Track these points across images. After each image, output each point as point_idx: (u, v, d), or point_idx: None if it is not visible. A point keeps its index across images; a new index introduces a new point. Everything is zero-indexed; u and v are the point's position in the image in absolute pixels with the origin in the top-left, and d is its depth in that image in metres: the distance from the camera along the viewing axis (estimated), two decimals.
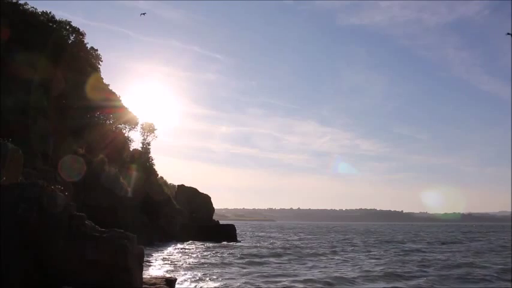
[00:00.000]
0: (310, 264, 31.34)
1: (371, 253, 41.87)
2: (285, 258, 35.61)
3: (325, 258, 36.62)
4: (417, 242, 62.76)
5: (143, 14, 37.77)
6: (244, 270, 26.84)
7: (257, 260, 33.49)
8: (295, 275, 25.11)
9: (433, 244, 58.58)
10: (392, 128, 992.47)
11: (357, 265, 30.74)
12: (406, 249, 48.05)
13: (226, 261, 32.10)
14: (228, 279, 23.07)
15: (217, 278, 23.10)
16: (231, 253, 39.10)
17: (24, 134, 29.27)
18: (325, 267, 29.70)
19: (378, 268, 28.57)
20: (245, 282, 22.09)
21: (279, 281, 22.70)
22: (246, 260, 33.17)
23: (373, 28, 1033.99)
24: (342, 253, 41.83)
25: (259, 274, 25.15)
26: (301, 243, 56.60)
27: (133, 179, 48.11)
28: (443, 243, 60.33)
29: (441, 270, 28.25)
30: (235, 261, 32.25)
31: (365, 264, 31.03)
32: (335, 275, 25.03)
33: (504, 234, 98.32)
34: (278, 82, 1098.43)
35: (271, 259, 34.16)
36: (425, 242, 64.34)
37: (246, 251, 41.33)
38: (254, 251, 42.34)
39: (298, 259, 34.76)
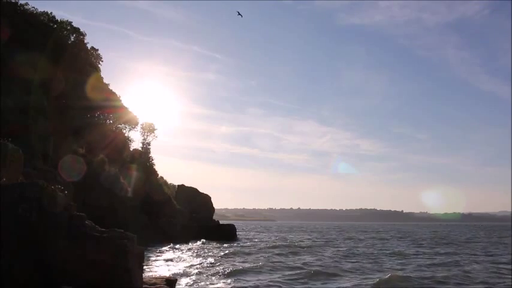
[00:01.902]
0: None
1: None
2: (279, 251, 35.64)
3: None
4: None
5: (239, 14, 38.84)
6: (244, 268, 26.82)
7: (255, 257, 33.50)
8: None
9: None
10: (392, 128, 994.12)
11: None
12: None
13: (226, 260, 32.07)
14: (229, 278, 23.06)
15: (217, 278, 23.09)
16: (231, 252, 39.06)
17: (24, 134, 29.26)
18: None
19: None
20: (246, 279, 22.11)
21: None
22: (246, 258, 33.17)
23: (373, 28, 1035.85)
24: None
25: (258, 271, 25.16)
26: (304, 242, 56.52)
27: (133, 179, 48.09)
28: None
29: None
30: (235, 260, 32.22)
31: None
32: None
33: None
34: (278, 82, 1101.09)
35: (266, 255, 34.18)
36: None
37: (246, 250, 41.32)
38: (254, 249, 42.35)
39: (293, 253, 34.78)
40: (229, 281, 22.48)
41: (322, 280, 23.57)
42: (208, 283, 21.72)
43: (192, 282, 21.69)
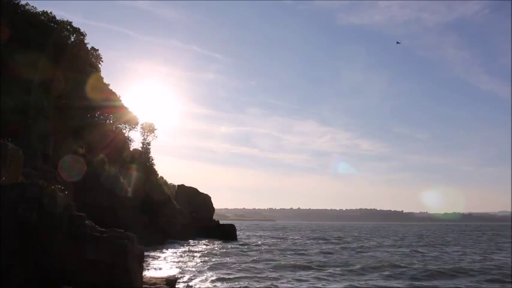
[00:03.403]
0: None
1: None
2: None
3: None
4: None
5: (398, 42, 41.08)
6: (245, 269, 26.84)
7: (255, 257, 33.51)
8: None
9: None
10: (392, 128, 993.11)
11: None
12: None
13: (226, 260, 32.09)
14: (229, 278, 23.06)
15: (217, 278, 23.08)
16: (231, 252, 39.09)
17: (24, 134, 29.23)
18: None
19: None
20: (246, 280, 22.12)
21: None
22: (246, 258, 33.18)
23: (373, 28, 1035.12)
24: None
25: (258, 271, 25.18)
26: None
27: (133, 179, 48.03)
28: None
29: None
30: (235, 260, 32.23)
31: None
32: None
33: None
34: (278, 82, 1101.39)
35: (266, 255, 34.22)
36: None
37: (246, 250, 41.37)
38: (253, 249, 42.39)
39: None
40: (228, 280, 22.49)
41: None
42: (208, 283, 21.72)
43: (191, 282, 21.69)
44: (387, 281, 24.02)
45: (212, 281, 22.12)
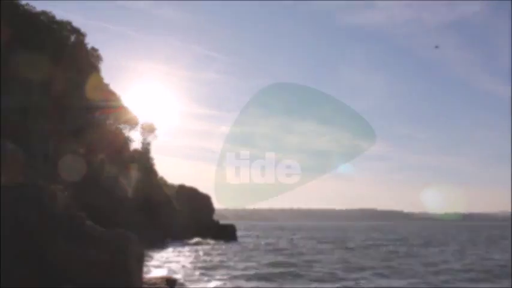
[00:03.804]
0: None
1: None
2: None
3: None
4: None
5: (437, 47, 43.82)
6: (244, 268, 26.87)
7: (255, 257, 33.53)
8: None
9: None
10: (392, 128, 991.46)
11: None
12: None
13: (226, 260, 32.10)
14: (228, 278, 23.08)
15: (217, 278, 23.09)
16: (231, 253, 39.11)
17: (24, 134, 29.27)
18: None
19: None
20: (245, 280, 22.15)
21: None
22: (246, 258, 33.19)
23: (373, 28, 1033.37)
24: None
25: (258, 270, 25.18)
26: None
27: (133, 179, 48.09)
28: None
29: None
30: (235, 260, 32.25)
31: None
32: None
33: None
34: (278, 82, 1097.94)
35: (266, 255, 34.24)
36: None
37: (246, 250, 41.39)
38: (254, 249, 42.41)
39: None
40: (228, 280, 22.50)
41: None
42: (207, 283, 21.74)
43: (192, 283, 21.70)
44: (387, 280, 24.04)
45: (212, 281, 22.13)
